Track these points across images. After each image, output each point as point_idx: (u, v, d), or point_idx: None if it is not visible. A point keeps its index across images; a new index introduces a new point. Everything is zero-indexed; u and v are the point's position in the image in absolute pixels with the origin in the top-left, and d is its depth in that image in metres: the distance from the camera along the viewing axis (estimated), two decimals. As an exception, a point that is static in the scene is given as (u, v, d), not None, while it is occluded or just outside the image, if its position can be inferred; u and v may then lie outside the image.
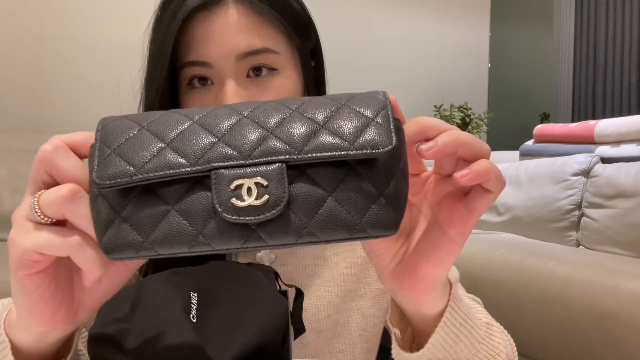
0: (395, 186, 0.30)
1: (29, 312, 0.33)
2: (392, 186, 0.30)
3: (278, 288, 0.45)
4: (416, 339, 0.43)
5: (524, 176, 1.93)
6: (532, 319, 1.25)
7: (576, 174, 1.74)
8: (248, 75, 0.53)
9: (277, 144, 0.29)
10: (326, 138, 0.29)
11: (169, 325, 0.39)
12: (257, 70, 0.53)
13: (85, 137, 0.33)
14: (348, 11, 2.95)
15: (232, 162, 0.29)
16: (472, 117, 3.06)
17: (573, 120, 3.99)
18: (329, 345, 0.63)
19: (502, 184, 0.33)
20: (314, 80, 0.60)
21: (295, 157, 0.29)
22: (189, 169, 0.29)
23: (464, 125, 3.02)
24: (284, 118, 0.31)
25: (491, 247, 1.51)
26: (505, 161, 2.19)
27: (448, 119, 2.96)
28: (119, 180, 0.29)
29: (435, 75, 3.34)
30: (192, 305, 0.41)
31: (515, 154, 2.25)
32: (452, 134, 0.32)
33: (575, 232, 1.72)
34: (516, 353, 0.54)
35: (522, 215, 1.87)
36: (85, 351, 0.43)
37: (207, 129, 0.30)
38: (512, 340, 0.55)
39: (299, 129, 0.30)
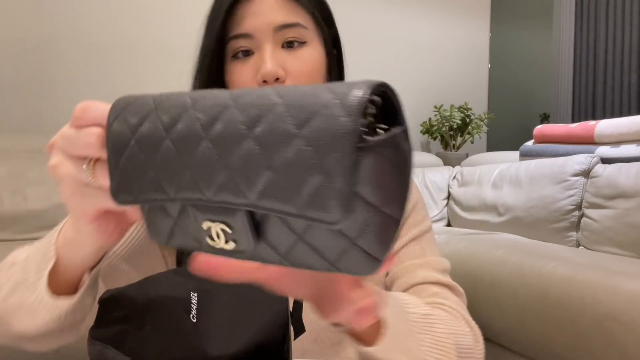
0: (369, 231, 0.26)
1: (98, 233, 0.39)
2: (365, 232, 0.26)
3: None
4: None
5: (524, 176, 1.93)
6: (532, 319, 1.25)
7: (576, 175, 1.74)
8: (282, 47, 0.63)
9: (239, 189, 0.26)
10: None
11: (169, 326, 0.39)
12: (289, 43, 0.63)
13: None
14: (348, 11, 2.95)
15: (199, 203, 0.28)
16: (472, 117, 3.06)
17: (573, 121, 3.99)
18: (332, 336, 0.65)
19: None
20: (336, 63, 0.71)
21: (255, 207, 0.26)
22: (172, 197, 0.29)
23: (464, 126, 3.02)
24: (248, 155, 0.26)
25: (491, 248, 1.51)
26: (505, 161, 2.19)
27: (448, 119, 2.96)
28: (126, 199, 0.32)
29: (435, 75, 3.34)
30: (192, 305, 0.41)
31: (515, 154, 2.25)
32: None
33: (575, 233, 1.72)
34: (468, 339, 0.57)
35: (522, 216, 1.87)
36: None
37: (182, 161, 0.29)
38: (467, 328, 0.59)
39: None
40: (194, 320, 0.40)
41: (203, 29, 0.67)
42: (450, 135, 3.04)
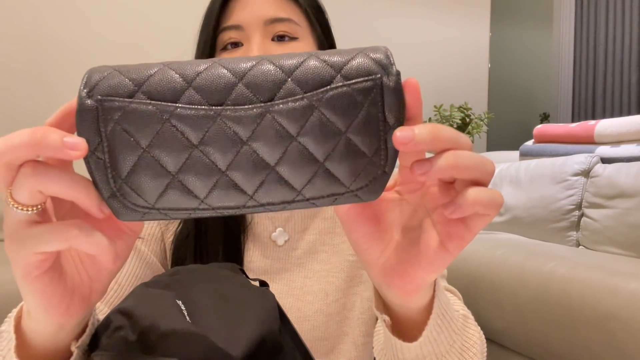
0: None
1: (45, 310, 0.32)
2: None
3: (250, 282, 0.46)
4: (396, 327, 0.42)
5: (524, 176, 1.92)
6: (532, 319, 1.25)
7: (576, 174, 1.74)
8: (272, 40, 0.62)
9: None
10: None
11: (172, 327, 0.39)
12: (280, 37, 0.62)
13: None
14: (347, 11, 2.95)
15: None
16: (472, 117, 3.06)
17: (573, 120, 3.99)
18: (337, 328, 0.66)
19: (498, 209, 0.32)
20: None
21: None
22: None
23: (464, 125, 3.02)
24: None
25: (491, 247, 1.51)
26: (505, 161, 2.19)
27: (448, 119, 2.96)
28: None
29: (435, 75, 3.34)
30: (182, 311, 0.41)
31: (515, 154, 2.25)
32: (453, 157, 0.30)
33: (575, 232, 1.72)
34: (485, 348, 0.55)
35: (522, 216, 1.87)
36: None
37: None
38: (483, 336, 0.56)
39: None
40: (191, 323, 0.40)
41: (200, 24, 0.67)
42: (450, 135, 3.05)
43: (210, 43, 0.63)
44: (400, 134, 0.29)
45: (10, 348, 0.36)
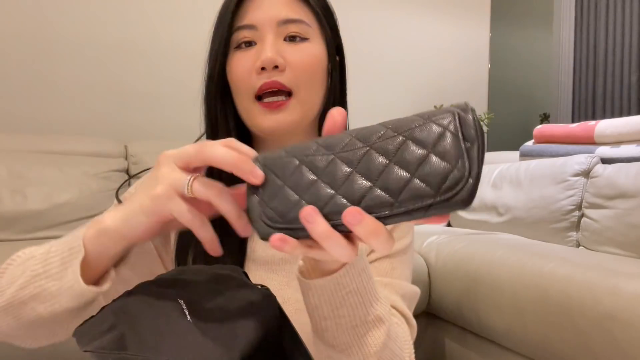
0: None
1: (146, 230, 0.45)
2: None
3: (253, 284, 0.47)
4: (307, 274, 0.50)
5: (524, 177, 1.93)
6: (532, 319, 1.25)
7: (576, 175, 1.74)
8: (285, 40, 0.65)
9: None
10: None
11: (171, 326, 0.39)
12: (292, 38, 0.65)
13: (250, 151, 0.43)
14: (347, 11, 2.95)
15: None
16: (472, 117, 3.06)
17: (573, 121, 3.99)
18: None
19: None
20: (338, 68, 0.73)
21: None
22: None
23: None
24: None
25: (491, 248, 1.51)
26: (506, 161, 2.19)
27: (448, 119, 2.96)
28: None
29: (435, 75, 3.34)
30: (184, 309, 0.41)
31: (515, 154, 2.25)
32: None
33: (575, 233, 1.72)
34: (408, 347, 0.59)
35: (522, 216, 1.87)
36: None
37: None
38: (408, 334, 0.61)
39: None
40: (192, 322, 0.40)
41: (214, 25, 0.69)
42: (450, 135, 3.04)
43: (224, 42, 0.66)
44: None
45: (76, 258, 0.46)
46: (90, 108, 2.33)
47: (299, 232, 0.38)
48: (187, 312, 0.41)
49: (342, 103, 0.76)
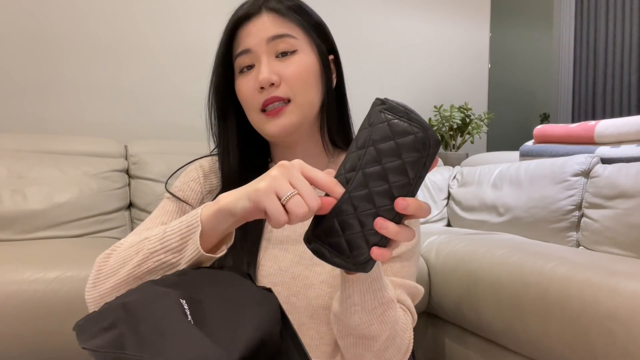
0: None
1: (243, 217, 0.54)
2: None
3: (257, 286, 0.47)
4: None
5: (524, 176, 1.93)
6: (532, 319, 1.25)
7: (576, 175, 1.74)
8: (276, 56, 0.76)
9: None
10: None
11: (171, 326, 0.39)
12: (283, 54, 0.76)
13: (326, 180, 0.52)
14: (347, 11, 2.95)
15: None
16: (472, 117, 3.06)
17: (573, 121, 3.99)
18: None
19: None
20: (333, 66, 0.84)
21: None
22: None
23: (464, 126, 3.02)
24: None
25: (491, 248, 1.51)
26: (506, 161, 2.19)
27: (448, 119, 2.96)
28: None
29: (435, 75, 3.33)
30: (185, 310, 0.41)
31: (515, 154, 2.25)
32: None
33: (575, 233, 1.72)
34: (408, 340, 0.72)
35: (522, 216, 1.87)
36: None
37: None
38: (411, 329, 0.73)
39: None
40: (192, 323, 0.40)
41: (216, 53, 0.81)
42: (450, 136, 3.04)
43: (223, 68, 0.80)
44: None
45: (195, 232, 0.55)
46: (90, 108, 2.33)
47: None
48: (188, 313, 0.41)
49: (342, 99, 0.86)
